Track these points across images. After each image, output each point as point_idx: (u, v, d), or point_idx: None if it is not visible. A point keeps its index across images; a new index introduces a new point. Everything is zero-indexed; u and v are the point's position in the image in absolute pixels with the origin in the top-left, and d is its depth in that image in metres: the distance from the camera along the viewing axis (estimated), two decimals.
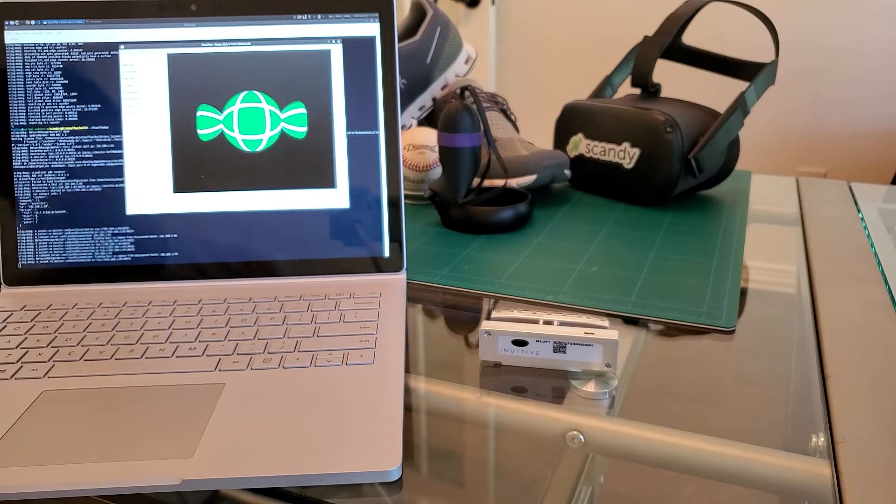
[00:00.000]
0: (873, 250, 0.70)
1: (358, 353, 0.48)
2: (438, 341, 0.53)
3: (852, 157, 1.97)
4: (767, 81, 0.81)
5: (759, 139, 2.04)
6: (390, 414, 0.41)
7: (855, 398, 0.45)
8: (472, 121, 0.71)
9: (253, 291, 0.58)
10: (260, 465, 0.37)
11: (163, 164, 0.60)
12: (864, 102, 1.92)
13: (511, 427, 0.42)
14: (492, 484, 0.37)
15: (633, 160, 0.80)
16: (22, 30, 0.59)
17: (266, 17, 0.61)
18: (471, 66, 0.93)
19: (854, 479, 0.37)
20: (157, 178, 0.60)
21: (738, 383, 0.47)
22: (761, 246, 0.72)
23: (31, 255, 0.59)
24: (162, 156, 0.60)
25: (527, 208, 0.75)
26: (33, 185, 0.59)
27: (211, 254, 0.60)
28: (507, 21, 2.29)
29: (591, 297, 0.59)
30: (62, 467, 0.37)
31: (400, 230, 0.61)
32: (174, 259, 0.59)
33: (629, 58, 0.95)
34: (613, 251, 0.69)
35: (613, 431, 0.42)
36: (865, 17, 1.86)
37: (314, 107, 0.61)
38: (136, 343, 0.49)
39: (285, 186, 0.60)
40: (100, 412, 0.41)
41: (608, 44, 2.16)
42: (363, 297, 0.56)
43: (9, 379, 0.45)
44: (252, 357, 0.47)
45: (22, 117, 0.59)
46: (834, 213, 0.81)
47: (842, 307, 0.58)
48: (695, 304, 0.57)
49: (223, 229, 0.60)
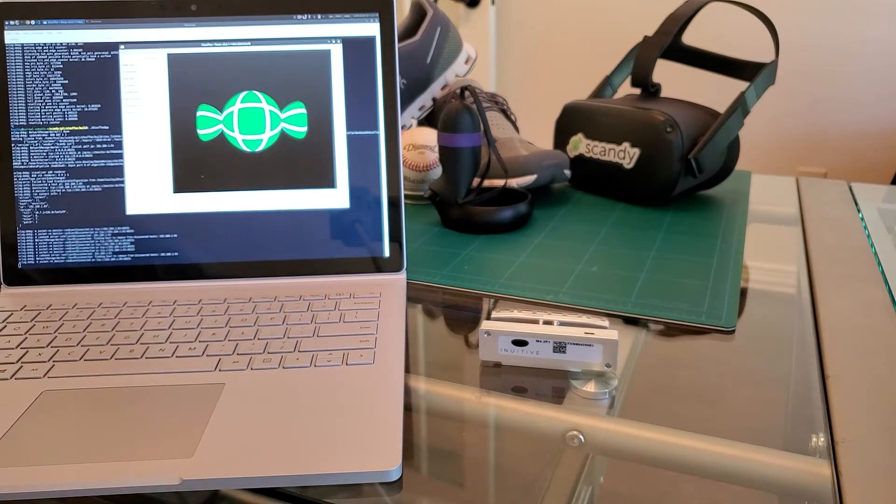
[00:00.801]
0: (873, 250, 0.70)
1: (358, 353, 0.48)
2: (438, 341, 0.53)
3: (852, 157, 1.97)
4: (767, 81, 0.81)
5: (759, 139, 2.04)
6: (390, 414, 0.41)
7: (855, 398, 0.45)
8: (472, 121, 0.71)
9: (253, 291, 0.58)
10: (260, 465, 0.37)
11: (163, 164, 0.60)
12: (864, 102, 1.92)
13: (511, 427, 0.42)
14: (492, 484, 0.37)
15: (633, 160, 0.80)
16: (22, 30, 0.59)
17: (266, 17, 0.61)
18: (471, 66, 0.93)
19: (854, 479, 0.37)
20: (157, 178, 0.60)
21: (738, 383, 0.47)
22: (761, 246, 0.72)
23: (31, 255, 0.59)
24: (162, 156, 0.60)
25: (527, 208, 0.75)
26: (33, 185, 0.59)
27: (211, 254, 0.60)
28: (507, 21, 2.29)
29: (591, 297, 0.59)
30: (62, 467, 0.37)
31: (400, 230, 0.61)
32: (174, 259, 0.59)
33: (629, 58, 0.95)
34: (613, 251, 0.69)
35: (613, 431, 0.42)
36: (865, 17, 1.86)
37: (314, 107, 0.61)
38: (136, 343, 0.49)
39: (285, 186, 0.60)
40: (100, 412, 0.41)
41: (608, 44, 2.16)
42: (363, 297, 0.56)
43: (9, 379, 0.45)
44: (252, 357, 0.47)
45: (22, 117, 0.59)
46: (834, 213, 0.81)
47: (842, 307, 0.57)
48: (695, 304, 0.57)
49: (223, 229, 0.60)
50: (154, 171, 0.60)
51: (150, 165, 0.60)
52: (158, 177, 0.60)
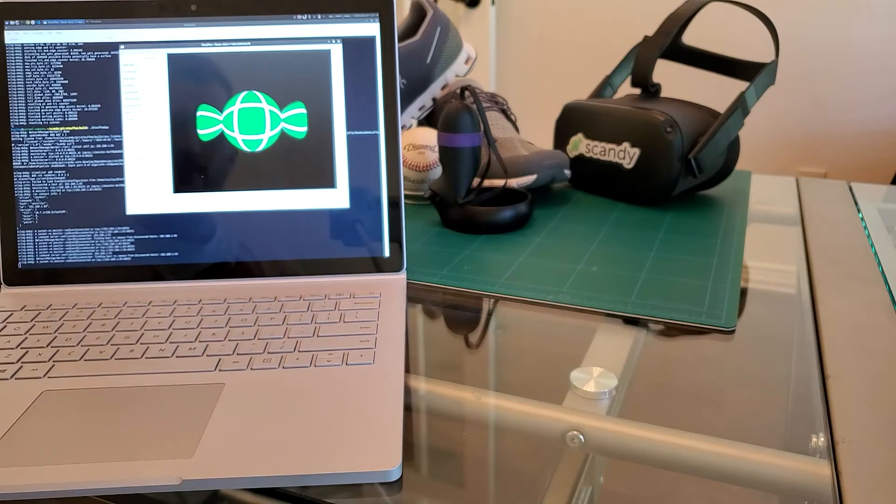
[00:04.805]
0: (873, 250, 0.70)
1: (358, 353, 0.48)
2: (438, 341, 0.53)
3: (852, 157, 1.97)
4: (767, 81, 0.81)
5: (759, 139, 2.04)
6: (390, 414, 0.41)
7: (855, 398, 0.45)
8: (472, 121, 0.71)
9: (253, 291, 0.58)
10: (260, 465, 0.37)
11: (163, 164, 0.60)
12: (864, 102, 1.92)
13: (511, 427, 0.42)
14: (492, 484, 0.37)
15: (633, 160, 0.80)
16: (22, 30, 0.59)
17: (266, 17, 0.61)
18: (471, 66, 0.93)
19: (854, 479, 0.37)
20: (157, 178, 0.60)
21: (738, 383, 0.47)
22: (761, 246, 0.72)
23: (31, 255, 0.59)
24: (162, 156, 0.60)
25: (527, 208, 0.75)
26: (33, 185, 0.59)
27: (211, 254, 0.60)
28: (507, 21, 2.29)
29: (591, 297, 0.59)
30: (62, 467, 0.37)
31: (400, 230, 0.61)
32: (174, 259, 0.59)
33: (629, 58, 0.95)
34: (613, 251, 0.69)
35: (613, 431, 0.42)
36: (865, 17, 1.86)
37: (314, 107, 0.61)
38: (136, 343, 0.49)
39: (285, 186, 0.60)
40: (100, 412, 0.41)
41: (608, 44, 2.16)
42: (363, 297, 0.56)
43: (9, 379, 0.45)
44: (252, 357, 0.47)
45: (22, 117, 0.59)
46: (834, 213, 0.81)
47: (842, 307, 0.57)
48: (695, 304, 0.57)
49: (223, 229, 0.60)
50: (154, 171, 0.60)
51: (150, 165, 0.60)
52: (158, 177, 0.60)
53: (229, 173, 0.60)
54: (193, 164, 0.60)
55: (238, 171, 0.60)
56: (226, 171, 0.60)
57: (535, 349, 0.51)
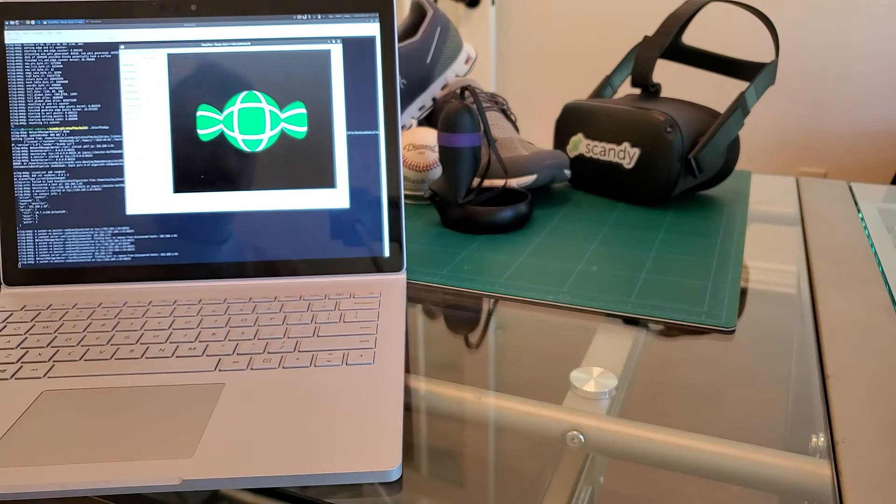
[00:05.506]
0: (873, 250, 0.70)
1: (358, 353, 0.48)
2: (438, 341, 0.53)
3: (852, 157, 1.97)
4: (767, 81, 0.81)
5: (759, 139, 2.04)
6: (390, 414, 0.41)
7: (855, 398, 0.45)
8: (472, 121, 0.71)
9: (253, 291, 0.57)
10: (260, 465, 0.37)
11: (163, 164, 0.60)
12: (864, 102, 1.92)
13: (511, 427, 0.42)
14: (492, 484, 0.37)
15: (633, 160, 0.80)
16: (22, 30, 0.59)
17: (266, 17, 0.61)
18: (471, 66, 0.93)
19: (854, 479, 0.37)
20: (157, 177, 0.60)
21: (738, 383, 0.47)
22: (761, 246, 0.72)
23: (31, 255, 0.59)
24: (162, 156, 0.60)
25: (527, 208, 0.75)
26: (33, 185, 0.59)
27: (211, 254, 0.60)
28: (507, 21, 2.29)
29: (591, 297, 0.59)
30: (62, 467, 0.37)
31: (400, 230, 0.61)
32: (174, 259, 0.59)
33: (629, 58, 0.95)
34: (613, 251, 0.69)
35: (613, 431, 0.42)
36: (865, 17, 1.86)
37: (314, 107, 0.61)
38: (136, 343, 0.49)
39: (285, 186, 0.60)
40: (100, 412, 0.41)
41: (608, 44, 2.16)
42: (363, 297, 0.56)
43: (9, 379, 0.45)
44: (252, 357, 0.47)
45: (22, 117, 0.59)
46: (834, 213, 0.81)
47: (842, 307, 0.57)
48: (695, 304, 0.57)
49: (223, 229, 0.60)
50: (154, 171, 0.60)
51: (150, 165, 0.60)
52: (158, 177, 0.60)
53: (229, 173, 0.60)
54: (193, 164, 0.60)
55: (238, 171, 0.60)
56: (226, 171, 0.60)
57: (535, 349, 0.51)
